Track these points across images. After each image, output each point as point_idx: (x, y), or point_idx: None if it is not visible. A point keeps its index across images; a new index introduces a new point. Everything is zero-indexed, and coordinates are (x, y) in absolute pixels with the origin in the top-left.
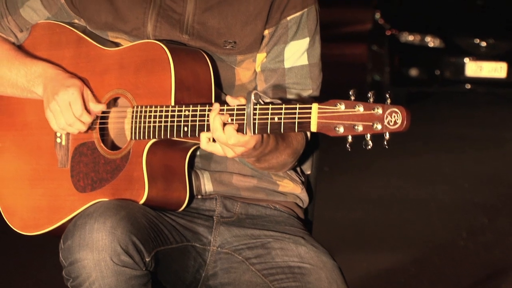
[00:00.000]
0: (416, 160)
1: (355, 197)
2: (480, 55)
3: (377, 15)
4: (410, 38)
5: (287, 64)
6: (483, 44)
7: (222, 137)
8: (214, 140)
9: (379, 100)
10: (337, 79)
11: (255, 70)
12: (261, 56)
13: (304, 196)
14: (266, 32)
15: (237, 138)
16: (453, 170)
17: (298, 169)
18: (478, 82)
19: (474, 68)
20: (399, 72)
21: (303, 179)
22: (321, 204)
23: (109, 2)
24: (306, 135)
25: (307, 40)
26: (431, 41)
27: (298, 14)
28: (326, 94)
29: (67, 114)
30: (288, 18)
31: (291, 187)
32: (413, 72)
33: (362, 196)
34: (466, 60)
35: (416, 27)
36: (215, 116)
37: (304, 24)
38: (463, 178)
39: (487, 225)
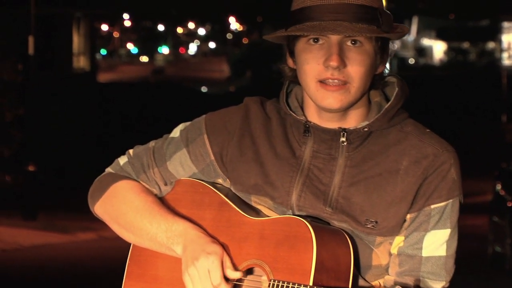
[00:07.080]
0: None
1: None
2: None
3: (498, 187)
4: None
5: (425, 253)
6: None
7: None
8: None
9: None
10: (458, 250)
11: (390, 252)
12: (399, 239)
13: None
14: (408, 216)
15: None
16: None
17: None
18: None
19: None
20: None
21: None
22: None
23: (259, 166)
24: None
25: (448, 231)
26: None
27: (442, 204)
28: None
29: (205, 282)
30: (432, 206)
31: None
32: None
33: None
34: None
35: None
36: None
37: (448, 214)
38: None
39: None
